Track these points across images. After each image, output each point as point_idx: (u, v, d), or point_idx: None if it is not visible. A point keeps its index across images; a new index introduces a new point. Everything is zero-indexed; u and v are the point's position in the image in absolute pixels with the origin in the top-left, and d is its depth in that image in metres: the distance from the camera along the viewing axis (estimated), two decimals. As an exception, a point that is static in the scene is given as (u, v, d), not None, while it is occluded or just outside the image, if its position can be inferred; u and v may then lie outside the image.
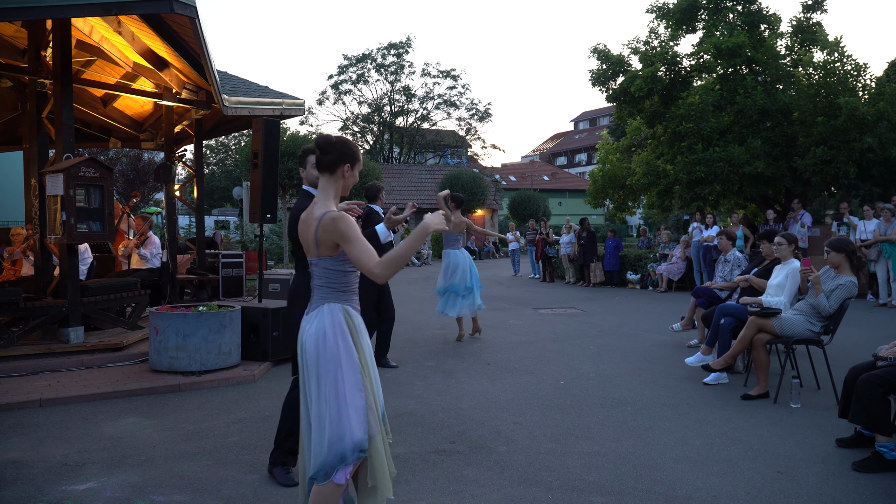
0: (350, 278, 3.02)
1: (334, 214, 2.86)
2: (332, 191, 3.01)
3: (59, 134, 7.52)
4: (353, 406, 2.83)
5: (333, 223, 2.84)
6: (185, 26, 7.32)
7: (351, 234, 2.82)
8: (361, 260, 2.79)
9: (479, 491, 3.90)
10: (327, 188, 3.01)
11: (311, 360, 2.91)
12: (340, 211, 2.90)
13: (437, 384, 6.56)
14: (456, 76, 45.83)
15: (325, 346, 2.88)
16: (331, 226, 2.84)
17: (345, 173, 3.01)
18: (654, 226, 31.06)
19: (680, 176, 16.08)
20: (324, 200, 2.98)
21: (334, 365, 2.86)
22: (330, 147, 2.98)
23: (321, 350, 2.88)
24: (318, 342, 2.89)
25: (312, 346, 2.90)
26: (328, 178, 3.00)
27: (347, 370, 2.87)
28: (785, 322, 5.85)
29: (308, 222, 2.99)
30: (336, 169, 2.99)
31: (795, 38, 16.92)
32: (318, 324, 2.93)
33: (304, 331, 2.98)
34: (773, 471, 4.18)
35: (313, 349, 2.89)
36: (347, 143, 3.02)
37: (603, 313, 11.74)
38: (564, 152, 74.93)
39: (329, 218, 2.86)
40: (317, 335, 2.90)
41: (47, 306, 7.36)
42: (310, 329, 2.95)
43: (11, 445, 4.73)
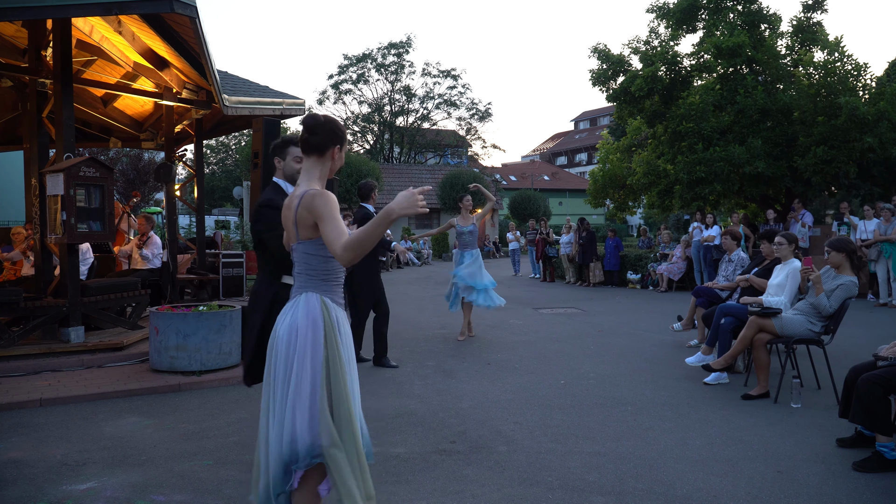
0: (333, 266, 2.81)
1: (315, 191, 2.70)
2: (318, 172, 2.83)
3: (60, 134, 7.52)
4: (309, 407, 2.65)
5: (312, 199, 2.67)
6: (185, 26, 7.32)
7: (327, 211, 2.63)
8: (330, 239, 2.59)
9: (479, 491, 3.90)
10: (312, 170, 2.83)
11: (280, 356, 2.73)
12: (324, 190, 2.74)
13: (438, 384, 6.56)
14: (456, 76, 45.92)
15: (294, 343, 2.70)
16: (310, 202, 2.67)
17: (334, 155, 2.86)
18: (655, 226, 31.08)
19: (680, 176, 16.08)
20: (307, 181, 2.80)
21: (300, 363, 2.68)
22: (319, 127, 2.81)
23: (291, 346, 2.71)
24: (290, 337, 2.71)
25: (283, 342, 2.72)
26: (315, 159, 2.83)
27: (312, 369, 2.68)
28: (785, 322, 5.84)
29: (288, 205, 2.82)
30: (325, 150, 2.83)
31: (796, 37, 16.92)
32: (292, 317, 2.75)
33: (278, 324, 2.81)
34: (773, 471, 4.18)
35: (283, 345, 2.72)
36: (336, 123, 2.86)
37: (603, 313, 11.74)
38: (565, 152, 74.92)
39: (309, 195, 2.69)
40: (289, 330, 2.73)
41: (48, 306, 7.36)
42: (283, 323, 2.77)
43: (12, 445, 4.73)
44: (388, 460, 4.40)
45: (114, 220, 8.04)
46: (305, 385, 2.66)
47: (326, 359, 2.71)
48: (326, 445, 2.63)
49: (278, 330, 2.78)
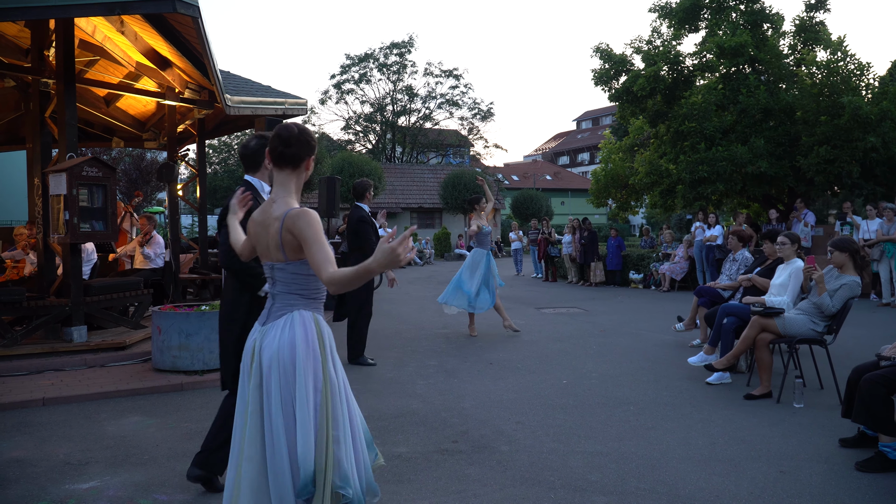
0: (320, 284, 2.70)
1: (296, 211, 2.59)
2: (293, 185, 2.73)
3: (63, 133, 7.54)
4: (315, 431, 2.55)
5: (294, 221, 2.57)
6: (187, 26, 7.33)
7: (311, 233, 2.54)
8: (320, 264, 2.49)
9: (481, 490, 3.90)
10: (287, 183, 2.72)
11: (277, 376, 2.58)
12: (305, 207, 2.64)
13: (440, 383, 6.56)
14: (458, 76, 45.93)
15: (297, 361, 2.57)
16: (292, 224, 2.57)
17: (308, 166, 2.75)
18: (657, 225, 31.06)
19: (683, 175, 16.07)
20: (284, 197, 2.69)
21: (303, 385, 2.56)
22: (294, 139, 2.68)
23: (293, 364, 2.57)
24: (290, 354, 2.58)
25: (281, 361, 2.58)
26: (289, 172, 2.71)
27: (315, 390, 2.59)
28: (788, 322, 5.84)
29: (266, 223, 2.70)
30: (300, 163, 2.72)
31: (798, 37, 16.90)
32: (290, 335, 2.61)
33: (266, 342, 2.64)
34: (776, 470, 4.17)
35: (282, 364, 2.58)
36: (309, 133, 2.74)
37: (605, 313, 11.73)
38: (567, 152, 74.85)
39: (292, 217, 2.58)
40: (290, 347, 2.58)
41: (50, 306, 7.37)
42: (276, 339, 2.62)
43: (15, 444, 4.74)
44: (390, 460, 4.40)
45: (116, 219, 8.05)
46: (310, 408, 2.55)
47: (325, 380, 2.63)
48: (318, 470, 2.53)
49: (266, 353, 2.62)
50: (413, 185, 37.23)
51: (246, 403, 2.66)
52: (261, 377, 2.62)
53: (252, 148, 3.85)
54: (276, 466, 2.55)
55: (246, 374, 2.71)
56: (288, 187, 2.71)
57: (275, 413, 2.57)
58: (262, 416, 2.61)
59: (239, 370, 3.49)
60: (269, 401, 2.58)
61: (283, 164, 2.70)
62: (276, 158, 2.70)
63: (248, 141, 3.90)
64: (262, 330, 2.71)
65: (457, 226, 35.12)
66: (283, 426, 2.55)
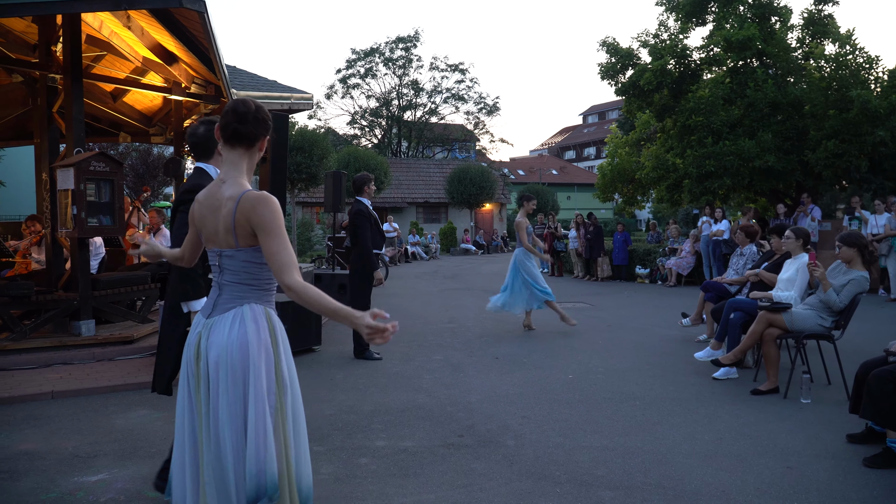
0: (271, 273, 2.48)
1: (258, 193, 2.37)
2: (245, 165, 2.51)
3: (70, 129, 7.56)
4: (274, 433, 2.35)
5: (254, 206, 2.35)
6: (193, 21, 7.33)
7: (275, 225, 2.34)
8: (283, 266, 2.31)
9: (487, 485, 3.91)
10: (239, 163, 2.50)
11: (225, 376, 2.36)
12: (263, 192, 2.41)
13: (446, 378, 6.57)
14: (464, 70, 45.92)
15: (249, 359, 2.36)
16: (250, 209, 2.35)
17: (262, 146, 2.55)
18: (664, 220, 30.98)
19: (689, 170, 16.01)
20: (235, 177, 2.47)
21: (256, 384, 2.36)
22: (251, 115, 2.47)
23: (245, 363, 2.36)
24: (241, 353, 2.36)
25: (231, 361, 2.36)
26: (243, 151, 2.50)
27: (268, 390, 2.39)
28: (795, 317, 5.82)
29: (215, 206, 2.46)
30: (256, 142, 2.51)
31: (807, 30, 16.79)
32: (240, 330, 2.39)
33: (213, 339, 2.42)
34: (782, 466, 4.17)
35: (231, 361, 2.36)
36: (266, 112, 2.54)
37: (611, 308, 11.72)
38: (573, 146, 74.67)
39: (250, 199, 2.36)
40: (240, 344, 2.37)
41: (59, 300, 7.41)
42: (224, 336, 2.40)
43: (24, 437, 4.77)
44: (396, 454, 4.41)
45: (124, 214, 8.07)
46: (264, 409, 2.35)
47: (278, 381, 2.45)
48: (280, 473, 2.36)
49: (213, 349, 2.41)
50: (419, 179, 37.19)
51: (195, 404, 2.46)
52: (207, 378, 2.41)
53: (202, 134, 3.64)
54: (218, 472, 2.37)
55: (191, 372, 2.48)
56: (240, 167, 2.49)
57: (222, 416, 2.35)
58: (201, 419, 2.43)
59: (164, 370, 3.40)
60: (215, 403, 2.38)
61: (235, 143, 2.48)
62: (229, 136, 2.48)
63: (196, 127, 3.66)
64: (207, 324, 2.47)
65: (462, 220, 35.09)
66: (229, 431, 2.35)
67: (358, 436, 4.80)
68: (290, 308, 7.41)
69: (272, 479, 2.31)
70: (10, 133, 12.37)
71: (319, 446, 4.55)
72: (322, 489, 3.82)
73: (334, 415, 5.31)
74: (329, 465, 4.20)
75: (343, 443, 4.64)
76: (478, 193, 32.36)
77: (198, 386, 2.44)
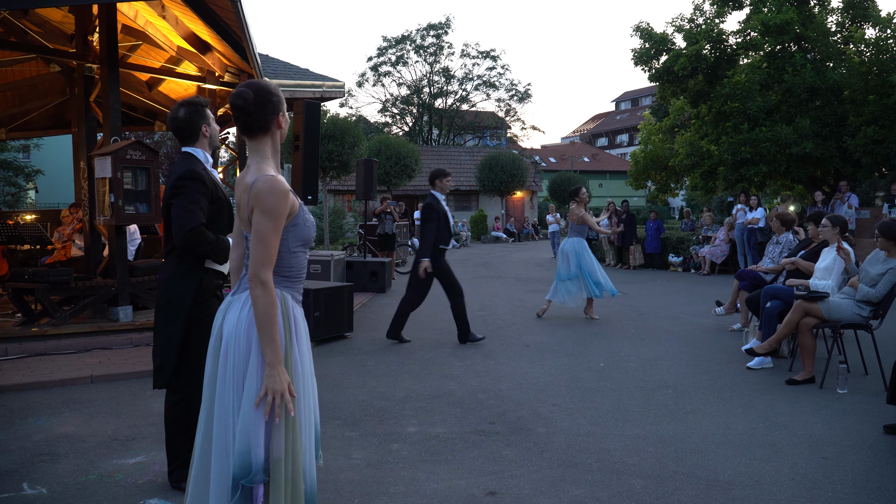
0: (297, 261, 2.51)
1: (267, 177, 2.38)
2: (269, 149, 2.50)
3: (107, 118, 7.68)
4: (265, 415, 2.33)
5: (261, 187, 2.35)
6: (226, 9, 7.39)
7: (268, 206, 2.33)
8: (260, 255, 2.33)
9: (518, 471, 3.92)
10: (261, 149, 2.49)
11: (231, 356, 2.41)
12: (278, 176, 2.41)
13: (477, 365, 6.58)
14: (496, 57, 45.68)
15: (250, 343, 2.39)
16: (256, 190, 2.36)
17: (280, 124, 2.50)
18: (697, 208, 30.57)
19: (724, 157, 15.76)
20: (258, 163, 2.46)
21: (256, 365, 2.37)
22: (252, 105, 2.44)
23: (249, 343, 2.39)
24: (247, 333, 2.39)
25: (237, 338, 2.40)
26: (261, 137, 2.48)
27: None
28: (832, 306, 5.72)
29: (242, 191, 2.48)
30: (269, 125, 2.48)
31: (846, 13, 16.38)
32: (249, 312, 2.40)
33: (229, 315, 2.47)
34: (817, 456, 4.11)
35: (237, 339, 2.40)
36: (266, 90, 2.47)
37: (644, 296, 11.62)
38: (605, 133, 73.93)
39: (260, 181, 2.37)
40: (248, 324, 2.39)
41: (97, 286, 7.56)
42: (236, 314, 2.44)
43: (64, 420, 4.89)
44: (427, 440, 4.44)
45: (160, 202, 8.20)
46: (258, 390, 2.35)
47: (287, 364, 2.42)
48: (276, 458, 2.34)
49: (227, 325, 2.45)
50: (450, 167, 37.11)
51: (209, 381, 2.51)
52: (218, 353, 2.47)
53: (182, 118, 3.57)
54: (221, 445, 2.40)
55: (211, 345, 2.53)
56: (262, 153, 2.48)
57: (227, 392, 2.41)
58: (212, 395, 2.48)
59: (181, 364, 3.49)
60: (222, 377, 2.43)
61: (252, 133, 2.48)
62: (241, 130, 2.48)
63: (176, 111, 3.58)
64: (228, 301, 2.53)
65: (493, 208, 35.01)
66: (231, 404, 2.39)
67: (389, 421, 4.83)
68: (323, 295, 7.48)
69: (258, 459, 2.31)
70: (49, 122, 12.63)
71: (352, 431, 4.60)
72: (354, 474, 3.86)
73: (366, 401, 5.36)
74: (361, 451, 4.25)
75: (375, 428, 4.69)
76: (509, 181, 32.24)
77: (212, 361, 2.51)
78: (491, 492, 3.65)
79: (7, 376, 5.89)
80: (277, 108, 2.48)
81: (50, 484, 3.75)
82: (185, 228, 3.38)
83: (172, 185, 3.47)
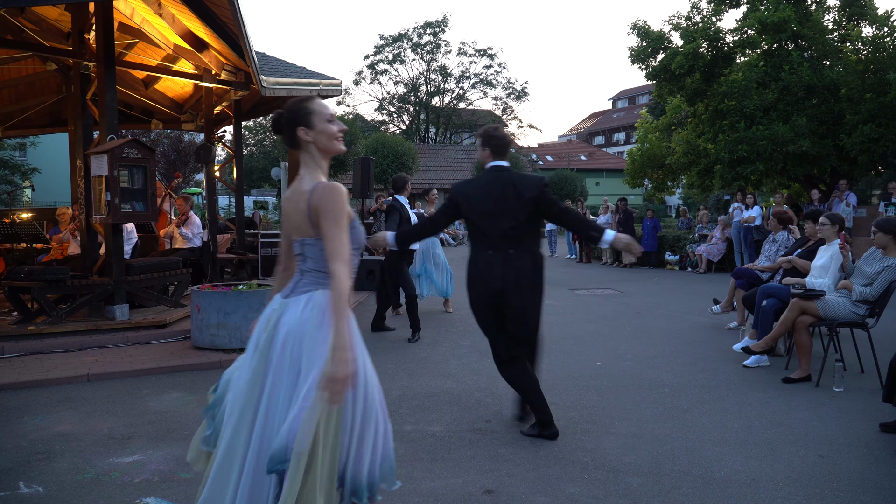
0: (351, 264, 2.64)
1: (327, 183, 2.57)
2: (312, 161, 2.70)
3: (103, 116, 7.66)
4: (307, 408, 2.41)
5: (323, 192, 2.54)
6: (223, 7, 7.38)
7: (333, 210, 2.50)
8: (337, 249, 2.47)
9: (514, 470, 3.92)
10: (307, 161, 2.70)
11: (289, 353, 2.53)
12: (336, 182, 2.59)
13: (474, 364, 6.58)
14: (492, 55, 45.65)
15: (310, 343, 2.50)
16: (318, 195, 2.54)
17: (304, 138, 2.67)
18: (694, 206, 30.61)
19: (721, 155, 15.79)
20: (309, 173, 2.68)
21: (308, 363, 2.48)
22: (284, 122, 2.69)
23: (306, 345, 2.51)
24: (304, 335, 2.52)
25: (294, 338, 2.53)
26: (301, 152, 2.71)
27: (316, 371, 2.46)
28: (829, 304, 5.73)
29: (296, 200, 2.65)
30: (296, 140, 2.68)
31: (843, 11, 16.41)
32: (308, 315, 2.55)
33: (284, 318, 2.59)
34: (814, 455, 4.12)
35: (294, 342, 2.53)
36: (291, 108, 2.69)
37: (640, 294, 11.64)
38: (602, 131, 73.93)
39: (321, 186, 2.57)
40: (305, 327, 2.53)
41: (93, 284, 7.54)
42: (293, 316, 2.57)
43: (60, 419, 4.88)
44: (424, 438, 4.44)
45: (156, 200, 8.20)
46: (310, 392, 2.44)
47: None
48: (299, 451, 2.38)
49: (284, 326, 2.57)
50: (447, 165, 37.18)
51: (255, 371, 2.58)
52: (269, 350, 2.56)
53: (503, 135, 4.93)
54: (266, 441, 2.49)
55: (260, 343, 2.61)
56: (307, 163, 2.69)
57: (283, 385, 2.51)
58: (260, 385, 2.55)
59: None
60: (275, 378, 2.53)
61: (293, 147, 2.71)
62: (287, 144, 2.72)
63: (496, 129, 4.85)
64: (284, 303, 2.64)
65: (491, 206, 34.91)
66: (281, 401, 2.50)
67: (386, 420, 4.82)
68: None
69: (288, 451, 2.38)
70: (45, 120, 12.61)
71: (348, 430, 4.59)
72: (351, 472, 3.86)
73: (363, 399, 5.34)
74: (358, 449, 4.24)
75: (371, 427, 4.67)
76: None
77: (262, 357, 2.58)
78: (488, 490, 3.65)
79: (3, 375, 5.88)
80: (295, 121, 2.66)
81: (46, 482, 3.75)
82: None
83: (543, 192, 4.51)
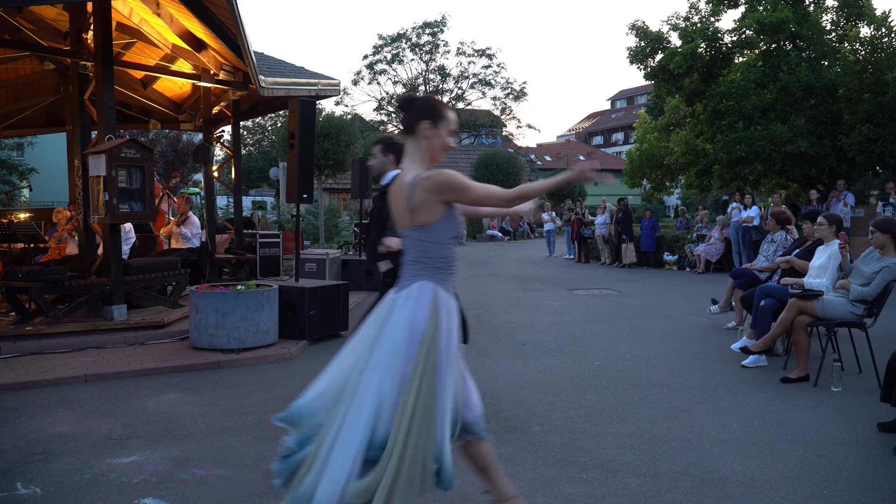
0: (447, 252, 2.75)
1: (430, 172, 2.69)
2: (418, 154, 2.79)
3: (101, 116, 7.66)
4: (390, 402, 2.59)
5: (435, 177, 2.64)
6: (222, 7, 7.39)
7: (463, 181, 2.65)
8: (491, 194, 2.69)
9: (513, 470, 3.92)
10: (413, 152, 2.80)
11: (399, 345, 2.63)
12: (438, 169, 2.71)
13: (472, 364, 6.54)
14: (491, 55, 45.68)
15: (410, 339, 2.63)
16: (431, 183, 2.64)
17: (426, 133, 2.77)
18: (692, 206, 30.64)
19: (719, 155, 15.80)
20: (410, 165, 2.78)
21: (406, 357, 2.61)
22: (409, 104, 2.80)
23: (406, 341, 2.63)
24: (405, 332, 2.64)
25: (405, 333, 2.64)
26: (411, 140, 2.80)
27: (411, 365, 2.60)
28: (827, 304, 5.73)
29: (399, 193, 2.76)
30: (414, 128, 2.78)
31: (841, 12, 16.44)
32: (406, 311, 2.67)
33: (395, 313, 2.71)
34: (812, 454, 4.13)
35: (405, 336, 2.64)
36: (426, 100, 2.82)
37: (638, 294, 11.64)
38: (601, 132, 73.95)
39: (424, 177, 2.66)
40: (404, 324, 2.65)
41: (91, 285, 7.53)
42: (402, 312, 2.70)
43: (58, 419, 4.87)
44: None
45: (154, 200, 8.19)
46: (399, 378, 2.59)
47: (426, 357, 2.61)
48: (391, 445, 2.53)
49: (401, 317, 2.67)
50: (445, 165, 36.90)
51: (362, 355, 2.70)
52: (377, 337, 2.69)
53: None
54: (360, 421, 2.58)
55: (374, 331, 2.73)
56: (413, 156, 2.80)
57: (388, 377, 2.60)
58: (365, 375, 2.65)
59: None
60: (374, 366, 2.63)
61: (404, 131, 2.82)
62: (404, 125, 2.82)
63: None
64: (394, 298, 2.77)
65: (489, 207, 34.93)
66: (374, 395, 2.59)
67: (384, 420, 4.82)
68: (319, 293, 7.48)
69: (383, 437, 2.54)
70: (43, 120, 12.61)
71: (346, 430, 4.59)
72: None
73: (361, 399, 5.34)
74: (356, 449, 4.24)
75: (370, 427, 4.67)
76: (504, 179, 32.17)
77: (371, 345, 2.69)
78: (486, 490, 3.65)
79: (1, 375, 5.87)
80: (423, 115, 2.77)
81: (44, 483, 3.74)
82: None
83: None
